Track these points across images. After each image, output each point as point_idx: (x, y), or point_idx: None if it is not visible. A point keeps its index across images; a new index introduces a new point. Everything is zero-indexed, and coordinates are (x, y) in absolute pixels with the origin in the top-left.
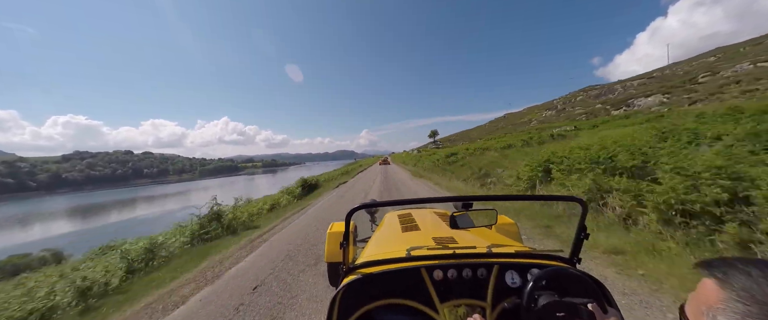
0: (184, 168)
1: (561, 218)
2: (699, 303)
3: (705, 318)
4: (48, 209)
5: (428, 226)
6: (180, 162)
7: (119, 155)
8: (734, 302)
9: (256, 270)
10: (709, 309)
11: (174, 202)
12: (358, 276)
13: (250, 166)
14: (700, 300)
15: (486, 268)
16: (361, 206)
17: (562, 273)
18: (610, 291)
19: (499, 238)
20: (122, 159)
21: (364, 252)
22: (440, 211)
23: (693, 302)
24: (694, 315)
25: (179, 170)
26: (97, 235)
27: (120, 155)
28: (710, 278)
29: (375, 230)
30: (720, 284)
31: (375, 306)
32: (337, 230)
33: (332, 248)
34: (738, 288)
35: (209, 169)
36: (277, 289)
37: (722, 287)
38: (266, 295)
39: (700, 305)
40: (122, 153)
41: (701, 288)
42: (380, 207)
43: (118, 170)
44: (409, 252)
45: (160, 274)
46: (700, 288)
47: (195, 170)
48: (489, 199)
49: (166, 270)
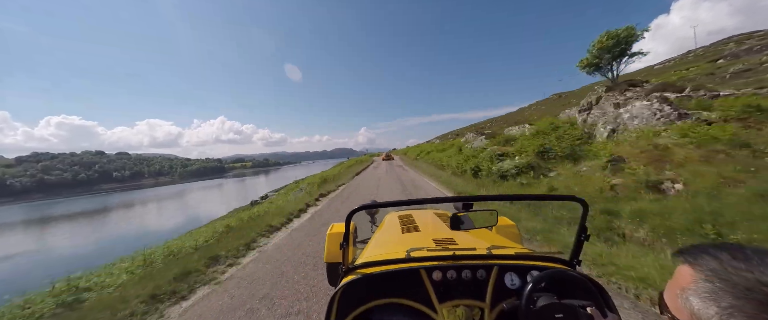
0: (162, 170)
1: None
2: (674, 287)
3: (679, 299)
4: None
5: (428, 227)
6: (158, 163)
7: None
8: (703, 282)
9: None
10: (683, 291)
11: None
12: (357, 276)
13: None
14: (676, 283)
15: (485, 269)
16: (362, 208)
17: (561, 275)
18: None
19: (499, 240)
20: (88, 161)
21: (364, 252)
22: (441, 212)
23: (669, 287)
24: (670, 299)
25: (156, 172)
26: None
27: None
28: (684, 264)
29: (375, 231)
30: (691, 267)
31: (374, 305)
32: (337, 230)
33: (332, 248)
34: (706, 270)
35: (191, 171)
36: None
37: (693, 269)
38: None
39: (675, 288)
40: (92, 154)
41: (677, 273)
42: (380, 208)
43: (80, 174)
44: (408, 252)
45: None
46: (676, 273)
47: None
48: (489, 199)
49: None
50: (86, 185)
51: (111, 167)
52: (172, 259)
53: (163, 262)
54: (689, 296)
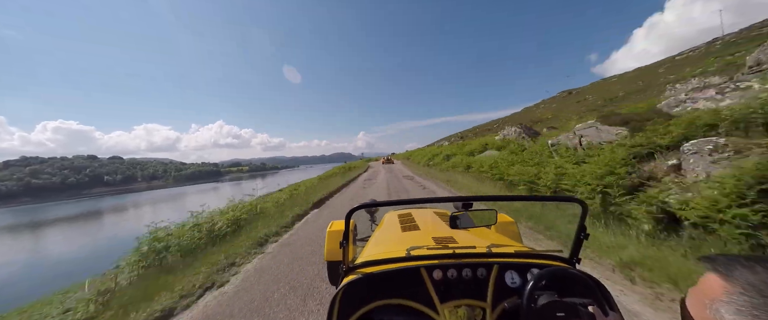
0: (155, 174)
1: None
2: (702, 297)
3: (707, 310)
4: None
5: (428, 226)
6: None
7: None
8: (740, 295)
9: None
10: (713, 302)
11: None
12: (358, 275)
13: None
14: (704, 293)
15: (486, 268)
16: (361, 206)
17: (561, 273)
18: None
19: (498, 238)
20: (79, 165)
21: (364, 251)
22: (440, 211)
23: (694, 296)
24: (696, 308)
25: (150, 176)
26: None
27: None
28: (713, 273)
29: (375, 230)
30: (724, 279)
31: (375, 306)
32: (337, 228)
33: (332, 246)
34: (743, 282)
35: (186, 174)
36: None
37: (727, 281)
38: None
39: (703, 298)
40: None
41: (704, 282)
42: (380, 207)
43: (70, 178)
44: (408, 251)
45: None
46: (703, 282)
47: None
48: (489, 199)
49: None
50: (76, 189)
51: (103, 171)
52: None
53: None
54: (720, 308)
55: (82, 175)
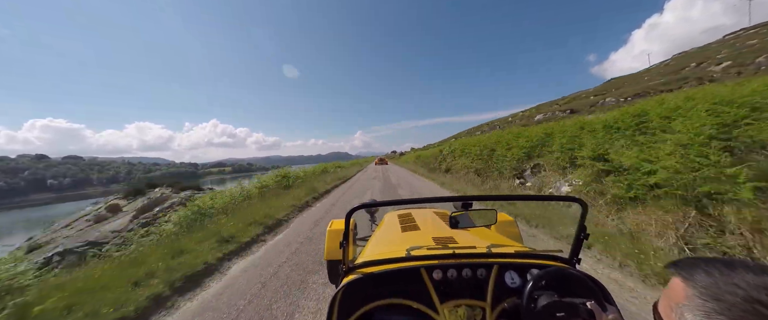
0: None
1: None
2: (669, 301)
3: (673, 314)
4: None
5: (428, 226)
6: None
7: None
8: (697, 299)
9: None
10: (677, 306)
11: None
12: (358, 275)
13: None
14: (670, 297)
15: (485, 268)
16: (361, 206)
17: (561, 273)
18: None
19: (498, 238)
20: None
21: (364, 251)
22: (440, 211)
23: (664, 299)
24: (665, 312)
25: (109, 179)
26: None
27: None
28: (677, 277)
29: (375, 230)
30: (685, 282)
31: (375, 305)
32: (337, 227)
33: (332, 246)
34: (700, 286)
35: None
36: None
37: (687, 285)
38: None
39: (670, 302)
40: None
41: (671, 286)
42: (380, 207)
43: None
44: (408, 251)
45: None
46: (670, 286)
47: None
48: (489, 199)
49: None
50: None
51: (48, 174)
52: None
53: None
54: (684, 312)
55: (17, 178)
